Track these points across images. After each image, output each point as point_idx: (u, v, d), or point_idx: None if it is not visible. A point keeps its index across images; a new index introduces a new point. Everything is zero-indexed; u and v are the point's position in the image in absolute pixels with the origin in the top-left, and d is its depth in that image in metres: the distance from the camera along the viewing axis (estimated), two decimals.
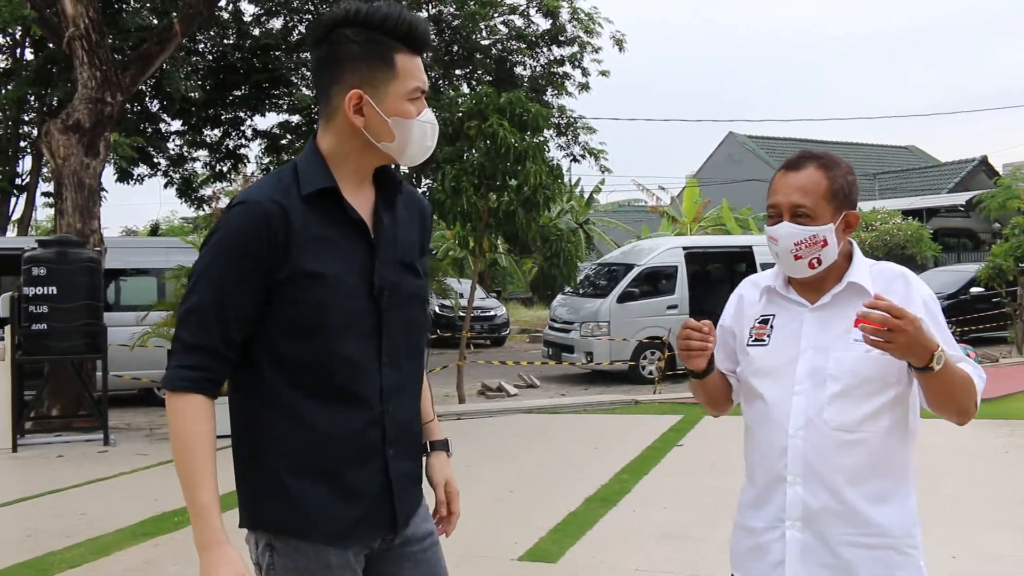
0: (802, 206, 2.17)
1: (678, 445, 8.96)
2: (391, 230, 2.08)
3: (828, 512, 2.14)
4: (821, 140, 37.70)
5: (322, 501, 1.98)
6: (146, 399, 13.04)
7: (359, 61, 1.97)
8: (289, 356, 1.96)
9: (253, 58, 16.55)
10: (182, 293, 9.44)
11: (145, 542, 5.85)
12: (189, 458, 1.92)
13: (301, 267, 1.93)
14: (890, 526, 2.14)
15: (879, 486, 2.14)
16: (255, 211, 1.93)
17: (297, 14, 16.88)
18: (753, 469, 2.32)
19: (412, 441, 2.15)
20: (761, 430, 2.27)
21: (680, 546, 5.62)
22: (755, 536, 2.28)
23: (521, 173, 11.24)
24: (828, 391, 2.14)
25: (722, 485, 7.25)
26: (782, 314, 2.29)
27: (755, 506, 2.29)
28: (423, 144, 2.05)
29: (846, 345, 2.14)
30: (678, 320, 15.42)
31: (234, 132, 17.87)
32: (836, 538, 2.14)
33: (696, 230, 27.25)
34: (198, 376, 1.93)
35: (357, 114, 1.97)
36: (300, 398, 1.96)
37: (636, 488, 7.12)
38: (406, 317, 2.08)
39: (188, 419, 1.93)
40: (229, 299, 1.92)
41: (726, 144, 36.06)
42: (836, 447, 2.13)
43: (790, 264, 2.22)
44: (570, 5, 16.53)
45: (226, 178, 18.84)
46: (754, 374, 2.29)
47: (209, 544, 1.89)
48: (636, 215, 34.08)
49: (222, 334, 1.93)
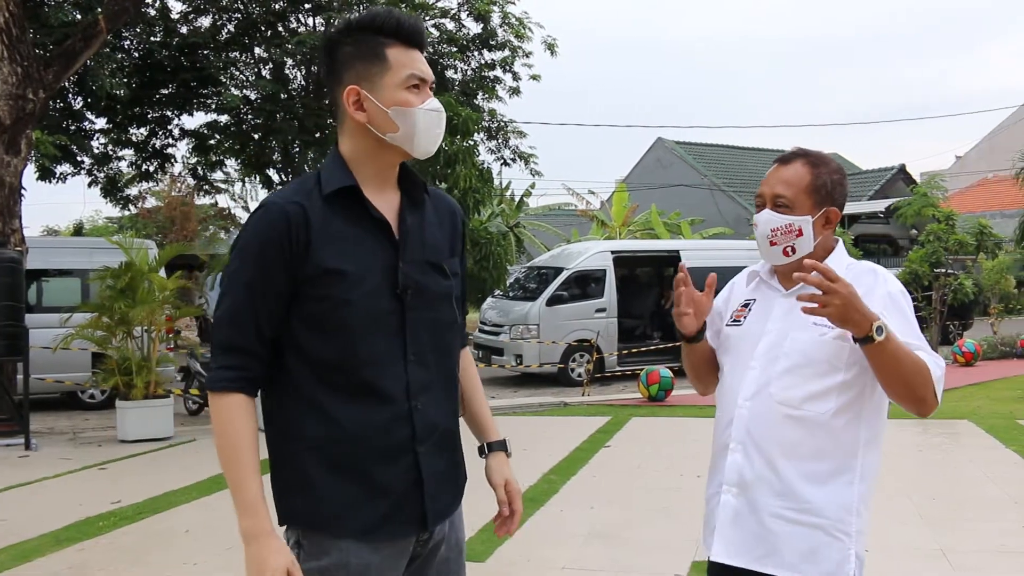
0: (782, 196, 2.31)
1: (606, 446, 9.11)
2: (417, 230, 2.13)
3: (761, 481, 2.23)
4: (747, 147, 38.40)
5: (348, 497, 2.01)
6: (69, 403, 12.79)
7: (354, 60, 2.06)
8: (314, 352, 2.01)
9: (181, 56, 16.26)
10: (107, 294, 9.29)
11: (69, 547, 5.77)
12: (234, 455, 1.99)
13: (323, 264, 1.98)
14: (822, 506, 2.19)
15: (817, 466, 2.21)
16: (275, 212, 2.00)
17: (226, 12, 16.65)
18: (713, 443, 2.43)
19: (446, 439, 2.16)
20: (719, 402, 2.41)
21: (607, 544, 5.74)
22: (707, 504, 2.41)
23: (451, 176, 11.32)
24: (779, 367, 2.25)
25: (649, 485, 7.42)
26: (761, 299, 2.43)
27: (709, 475, 2.42)
28: (431, 132, 2.09)
29: (804, 327, 2.24)
30: (606, 324, 15.67)
31: (161, 131, 17.53)
32: (765, 507, 2.23)
33: (625, 234, 27.58)
34: (236, 376, 2.00)
35: (359, 110, 2.05)
36: (326, 394, 2.01)
37: (564, 488, 7.24)
38: (432, 316, 2.12)
39: (230, 417, 1.99)
40: (259, 299, 1.99)
41: (655, 149, 36.50)
42: (778, 420, 2.23)
43: (766, 250, 2.36)
44: (501, 10, 16.61)
45: (152, 178, 18.48)
46: (724, 351, 2.44)
47: (258, 534, 1.95)
48: (567, 219, 34.32)
49: (256, 333, 2.00)
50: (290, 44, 15.34)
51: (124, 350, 10.11)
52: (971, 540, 5.66)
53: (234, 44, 16.95)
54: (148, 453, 9.18)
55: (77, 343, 10.26)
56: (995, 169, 35.56)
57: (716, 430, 2.41)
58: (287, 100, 16.59)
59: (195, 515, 6.57)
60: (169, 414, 10.11)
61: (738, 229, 29.72)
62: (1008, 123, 39.81)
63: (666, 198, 31.18)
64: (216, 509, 6.68)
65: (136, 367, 9.91)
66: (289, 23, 16.74)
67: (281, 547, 1.95)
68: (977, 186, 40.17)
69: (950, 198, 36.75)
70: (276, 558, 1.93)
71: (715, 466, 2.38)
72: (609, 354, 15.65)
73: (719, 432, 2.38)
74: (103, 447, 9.55)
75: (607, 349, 15.63)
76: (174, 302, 11.35)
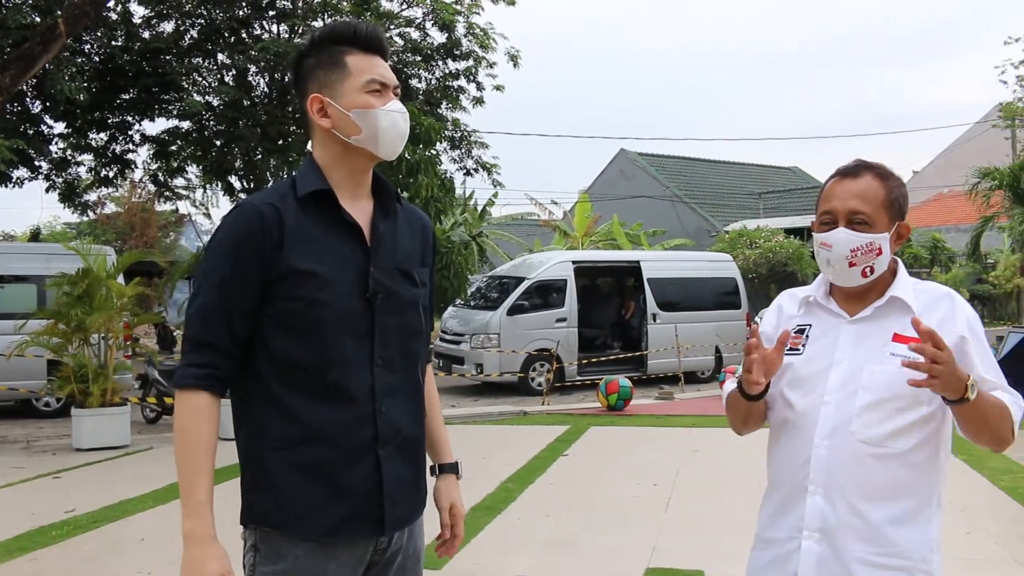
0: (860, 212, 2.13)
1: (564, 455, 9.18)
2: (389, 237, 2.17)
3: (846, 526, 2.09)
4: (709, 159, 38.78)
5: (309, 497, 2.04)
6: (23, 411, 12.63)
7: (316, 70, 2.14)
8: (282, 352, 2.04)
9: (142, 61, 16.13)
10: (64, 301, 9.19)
11: (21, 557, 5.72)
12: (190, 454, 2.00)
13: (295, 265, 2.03)
14: (907, 548, 2.08)
15: (900, 505, 2.08)
16: (249, 212, 2.05)
17: (189, 18, 16.55)
18: (774, 479, 2.27)
19: (409, 444, 2.17)
20: (786, 438, 2.21)
21: (563, 552, 5.79)
22: (775, 547, 2.21)
23: (413, 185, 11.35)
24: (859, 402, 2.08)
25: (606, 493, 7.50)
26: (819, 324, 2.24)
27: (775, 516, 2.23)
28: (397, 132, 2.15)
29: (882, 358, 2.10)
30: (567, 333, 15.75)
31: (121, 136, 17.36)
32: (851, 554, 2.08)
33: (587, 244, 27.73)
34: (204, 374, 2.02)
35: (323, 116, 2.12)
36: (291, 394, 2.04)
37: (521, 496, 7.29)
38: (401, 322, 2.15)
39: (191, 416, 2.01)
40: (231, 298, 2.02)
41: (617, 161, 36.75)
42: (860, 460, 2.08)
43: (843, 271, 2.15)
44: (466, 20, 16.68)
45: (112, 183, 18.30)
46: (786, 383, 2.21)
47: (201, 538, 2.00)
48: (529, 229, 34.44)
49: (228, 332, 2.03)
50: (253, 51, 15.30)
51: (80, 357, 10.01)
52: None
53: (197, 50, 16.85)
54: (104, 461, 9.10)
55: (32, 350, 10.13)
56: (950, 184, 36.19)
57: (785, 469, 2.22)
58: (250, 107, 16.51)
59: (150, 524, 6.53)
60: (126, 422, 10.02)
61: (699, 240, 30.01)
62: (963, 139, 40.56)
63: (628, 209, 31.40)
64: (172, 518, 6.62)
65: (92, 374, 9.82)
66: (253, 29, 16.69)
67: (220, 554, 1.99)
68: (933, 201, 40.86)
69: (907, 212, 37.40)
70: (213, 564, 1.98)
71: (787, 508, 2.18)
72: (569, 364, 15.74)
73: (791, 471, 2.18)
74: (58, 455, 9.45)
75: (567, 359, 15.71)
76: (132, 309, 11.26)
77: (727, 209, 34.60)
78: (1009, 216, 22.37)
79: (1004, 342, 12.59)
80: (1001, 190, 22.17)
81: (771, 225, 27.98)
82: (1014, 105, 27.80)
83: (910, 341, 2.00)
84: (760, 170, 40.63)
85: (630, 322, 17.55)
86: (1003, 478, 7.66)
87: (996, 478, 7.65)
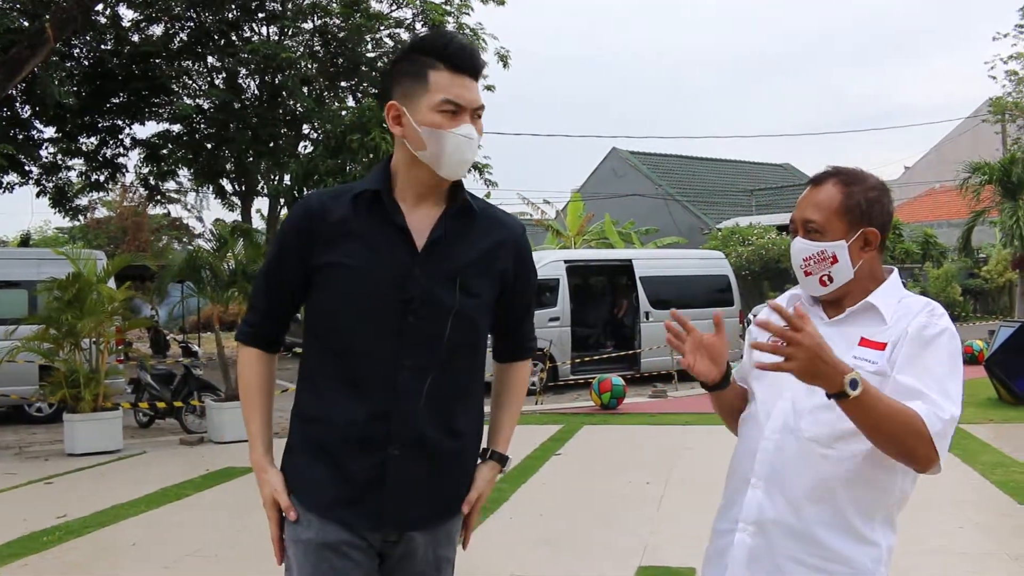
0: (812, 221, 2.13)
1: (556, 454, 9.18)
2: (445, 244, 2.16)
3: (780, 522, 2.06)
4: (701, 157, 38.84)
5: (319, 476, 2.16)
6: (15, 416, 12.59)
7: (402, 78, 2.17)
8: (320, 338, 2.20)
9: (132, 65, 16.15)
10: (54, 306, 9.16)
11: (13, 563, 5.69)
12: (244, 397, 2.31)
13: (330, 258, 2.14)
14: (849, 556, 2.03)
15: (840, 510, 2.03)
16: (301, 206, 2.25)
17: (179, 21, 16.56)
18: (729, 470, 2.26)
19: (433, 450, 2.17)
20: (745, 430, 2.22)
21: (555, 551, 5.80)
22: (719, 539, 2.23)
23: None
24: (813, 401, 2.03)
25: (598, 492, 7.50)
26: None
27: (722, 508, 2.25)
28: (460, 157, 2.14)
29: (843, 359, 2.00)
30: (560, 333, 15.75)
31: (112, 140, 17.38)
32: (783, 551, 2.05)
33: (580, 243, 27.74)
34: (250, 332, 2.32)
35: (396, 124, 2.17)
36: (323, 377, 2.19)
37: (514, 496, 7.28)
38: (438, 329, 2.13)
39: (243, 365, 2.32)
40: (273, 276, 2.27)
41: (609, 159, 36.78)
42: (805, 458, 2.05)
43: (802, 280, 2.18)
44: (456, 20, 16.70)
45: (103, 187, 18.30)
46: (755, 376, 2.21)
47: (255, 467, 2.26)
48: None
49: (269, 301, 2.29)
50: (244, 53, 15.28)
51: (72, 362, 9.98)
52: (908, 541, 5.78)
53: (187, 53, 16.86)
54: (96, 467, 9.07)
55: (23, 355, 10.11)
56: (941, 180, 36.30)
57: (735, 459, 2.23)
58: (240, 109, 16.51)
59: (142, 529, 6.52)
60: (118, 427, 10.00)
61: (691, 238, 30.05)
62: (954, 134, 40.68)
63: (621, 208, 31.44)
64: (163, 522, 6.64)
65: (84, 379, 9.79)
66: (242, 32, 16.69)
67: (268, 479, 2.21)
68: (924, 196, 40.98)
69: (899, 207, 37.52)
70: (265, 490, 2.22)
71: (731, 499, 2.20)
72: (563, 363, 15.74)
73: (739, 462, 2.20)
74: (50, 461, 9.43)
75: (560, 358, 15.71)
76: (124, 313, 11.23)
77: (719, 207, 34.66)
78: (999, 210, 22.42)
79: (995, 336, 12.64)
80: (991, 184, 22.23)
81: (763, 222, 28.05)
82: (1004, 100, 27.91)
83: (873, 346, 2.01)
84: (752, 167, 40.70)
85: (623, 321, 17.56)
86: (995, 472, 7.67)
87: (988, 472, 7.67)
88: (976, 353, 15.86)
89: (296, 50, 16.51)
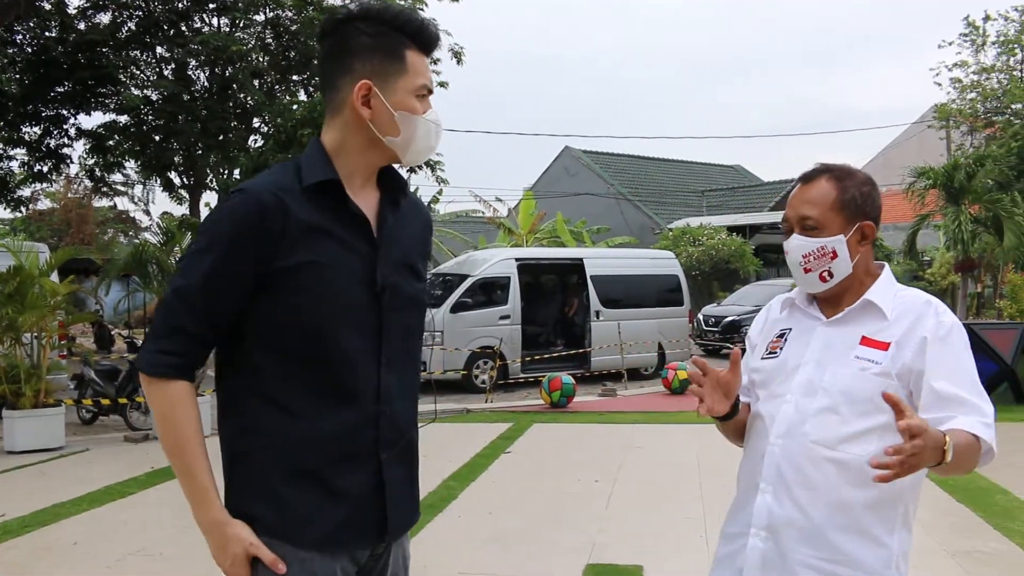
0: (809, 217, 2.13)
1: (506, 452, 9.19)
2: (394, 230, 2.06)
3: (792, 526, 2.06)
4: (653, 157, 39.09)
5: (311, 504, 1.93)
6: None
7: (370, 52, 1.97)
8: (286, 348, 1.92)
9: (78, 53, 15.82)
10: None
11: None
12: (183, 443, 1.91)
13: (300, 257, 1.91)
14: (860, 558, 2.03)
15: (851, 513, 2.04)
16: (251, 200, 1.91)
17: (127, 9, 16.27)
18: (740, 475, 2.26)
19: (408, 448, 2.09)
20: (752, 436, 2.22)
21: (504, 549, 5.80)
22: (729, 542, 2.22)
23: None
24: (817, 404, 2.07)
25: (547, 490, 7.52)
26: (798, 327, 2.23)
27: (733, 511, 2.25)
28: (427, 143, 2.04)
29: (845, 361, 2.08)
30: (511, 330, 15.77)
31: (56, 130, 17.01)
32: (795, 555, 2.06)
33: (532, 242, 27.79)
34: (179, 362, 1.92)
35: (365, 105, 1.97)
36: (291, 393, 1.93)
37: (463, 494, 7.28)
38: (405, 320, 2.06)
39: (175, 405, 1.92)
40: (217, 284, 1.90)
41: (562, 158, 36.87)
42: (811, 461, 2.06)
43: (801, 277, 2.18)
44: None
45: (46, 179, 17.92)
46: (760, 384, 2.23)
47: (215, 525, 1.91)
48: (474, 226, 34.43)
49: (208, 319, 1.91)
50: (194, 44, 15.06)
51: (12, 357, 9.77)
52: None
53: (135, 42, 16.58)
54: (37, 464, 8.89)
55: None
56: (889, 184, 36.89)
57: (744, 465, 2.23)
58: (190, 101, 16.29)
59: (84, 527, 6.40)
60: (60, 423, 9.80)
61: (643, 238, 30.25)
62: (901, 139, 41.39)
63: (573, 206, 31.54)
64: (107, 521, 6.52)
65: (25, 375, 9.59)
66: (193, 23, 16.45)
67: (237, 533, 1.90)
68: None
69: None
70: (236, 547, 1.90)
71: (741, 504, 2.20)
72: (513, 361, 15.75)
73: (748, 468, 2.20)
74: None
75: (511, 356, 15.72)
76: (67, 307, 11.01)
77: (670, 207, 34.93)
78: (943, 214, 22.87)
79: None
80: (935, 189, 22.67)
81: (714, 223, 28.32)
82: (948, 106, 28.49)
83: (876, 345, 2.05)
84: (703, 168, 41.08)
85: (573, 319, 17.62)
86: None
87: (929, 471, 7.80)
88: None
89: (247, 42, 16.32)
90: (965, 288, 23.81)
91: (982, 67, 28.02)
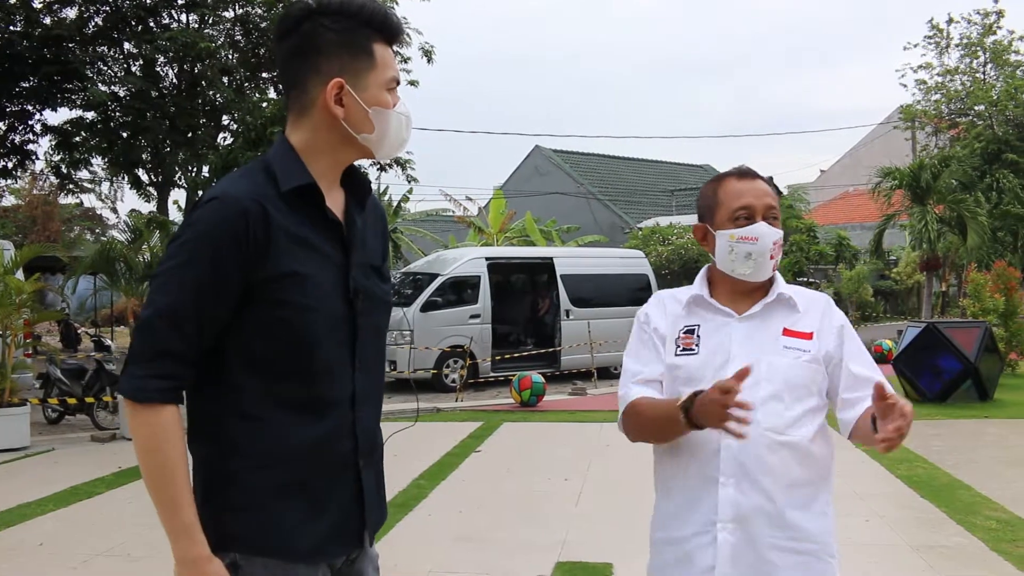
0: (773, 208, 2.25)
1: (476, 451, 9.21)
2: (363, 232, 2.02)
3: (759, 513, 2.14)
4: (623, 156, 39.25)
5: (297, 518, 1.88)
6: None
7: (338, 49, 1.90)
8: (267, 361, 1.85)
9: (43, 48, 15.61)
10: None
11: None
12: (170, 474, 1.80)
13: (283, 268, 1.83)
14: (812, 532, 2.17)
15: (803, 492, 2.17)
16: (232, 207, 1.81)
17: (94, 4, 16.06)
18: (675, 478, 2.25)
19: (377, 451, 2.07)
20: (688, 437, 2.17)
21: (473, 547, 5.82)
22: (681, 545, 2.21)
23: None
24: (761, 393, 2.14)
25: (517, 488, 7.55)
26: (707, 324, 2.28)
27: (680, 515, 2.23)
28: (400, 136, 2.00)
29: (777, 351, 2.20)
30: (480, 329, 15.78)
31: (21, 126, 16.78)
32: (764, 540, 2.14)
33: (502, 240, 27.80)
34: (169, 386, 1.81)
35: (337, 104, 1.90)
36: (272, 407, 1.86)
37: (433, 493, 7.29)
38: (376, 323, 2.02)
39: (163, 434, 1.80)
40: (204, 301, 1.80)
41: (532, 157, 36.93)
42: (767, 447, 2.14)
43: (763, 264, 2.23)
44: None
45: (11, 175, 17.67)
46: (685, 383, 2.21)
47: (195, 559, 1.80)
48: (444, 225, 34.38)
49: (195, 339, 1.81)
50: (162, 40, 14.90)
51: None
52: None
53: (102, 38, 16.37)
54: (2, 464, 8.79)
55: None
56: (855, 183, 37.33)
57: (690, 465, 2.21)
58: (158, 98, 16.12)
59: (50, 528, 6.34)
60: (25, 423, 9.69)
61: (612, 237, 30.36)
62: (868, 140, 41.87)
63: (543, 206, 31.61)
64: (73, 521, 6.47)
65: None
66: (161, 18, 16.26)
67: (220, 571, 1.82)
68: (839, 199, 42.11)
69: (814, 210, 38.50)
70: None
71: (695, 503, 2.19)
72: (483, 360, 15.78)
73: (698, 465, 2.19)
74: None
75: (481, 355, 15.74)
76: (33, 306, 10.89)
77: (640, 206, 35.09)
78: (909, 214, 23.18)
79: (903, 336, 13.05)
80: (901, 189, 22.97)
81: (683, 222, 28.46)
82: (913, 108, 28.84)
83: (800, 336, 2.21)
84: (673, 168, 41.31)
85: (543, 318, 17.67)
86: (899, 467, 7.93)
87: (893, 467, 7.92)
88: (885, 352, 16.37)
89: (216, 39, 16.18)
90: (930, 287, 24.14)
91: (946, 69, 28.41)
